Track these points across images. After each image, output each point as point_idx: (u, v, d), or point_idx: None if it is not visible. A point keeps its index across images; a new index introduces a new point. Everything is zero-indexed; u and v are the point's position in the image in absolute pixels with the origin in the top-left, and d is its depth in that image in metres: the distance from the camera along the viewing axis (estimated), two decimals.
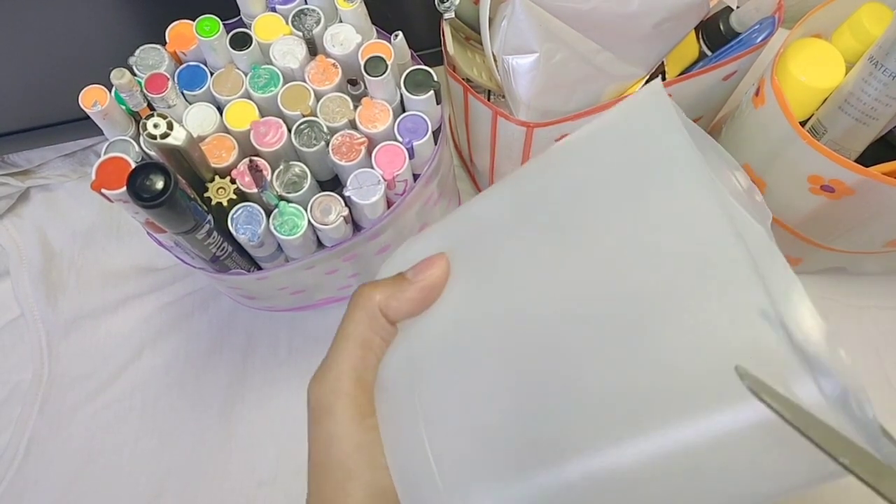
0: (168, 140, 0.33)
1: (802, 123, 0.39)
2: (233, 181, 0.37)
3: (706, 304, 0.21)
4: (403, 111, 0.39)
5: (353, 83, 0.38)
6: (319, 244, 0.41)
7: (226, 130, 0.38)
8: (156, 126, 0.33)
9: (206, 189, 0.37)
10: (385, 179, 0.38)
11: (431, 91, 0.37)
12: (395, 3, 0.46)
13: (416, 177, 0.40)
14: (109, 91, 0.36)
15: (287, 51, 0.39)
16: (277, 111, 0.39)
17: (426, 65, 0.38)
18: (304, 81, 0.38)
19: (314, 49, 0.40)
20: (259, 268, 0.43)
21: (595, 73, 0.39)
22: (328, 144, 0.37)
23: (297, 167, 0.38)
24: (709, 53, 0.43)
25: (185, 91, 0.39)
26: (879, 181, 0.34)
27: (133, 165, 0.34)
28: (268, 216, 0.38)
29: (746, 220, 0.21)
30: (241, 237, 0.37)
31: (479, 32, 0.39)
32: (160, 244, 0.41)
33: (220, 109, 0.39)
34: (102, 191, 0.34)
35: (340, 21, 0.40)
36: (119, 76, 0.36)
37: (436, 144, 0.40)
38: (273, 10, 0.40)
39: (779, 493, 0.20)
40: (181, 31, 0.40)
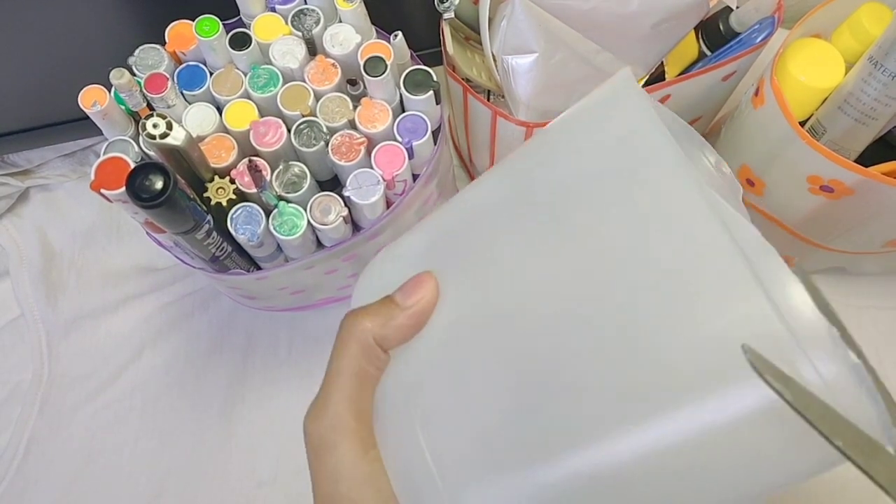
0: (167, 140, 0.33)
1: (802, 123, 0.39)
2: (232, 181, 0.37)
3: (701, 298, 0.21)
4: (403, 111, 0.39)
5: (353, 83, 0.39)
6: (319, 244, 0.41)
7: (225, 130, 0.38)
8: (155, 126, 0.33)
9: (206, 189, 0.37)
10: (384, 179, 0.38)
11: (431, 91, 0.37)
12: (395, 3, 0.46)
13: (416, 177, 0.40)
14: (109, 91, 0.36)
15: (287, 51, 0.39)
16: (277, 111, 0.39)
17: (426, 65, 0.38)
18: (304, 81, 0.38)
19: (314, 49, 0.40)
20: (259, 268, 0.43)
21: (594, 74, 0.39)
22: (328, 144, 0.37)
23: (297, 167, 0.38)
24: (708, 53, 0.43)
25: (185, 91, 0.39)
26: (879, 181, 0.34)
27: (132, 165, 0.34)
28: (267, 216, 0.38)
29: (733, 215, 0.21)
30: (241, 237, 0.37)
31: (479, 32, 0.39)
32: (160, 244, 0.41)
33: (220, 109, 0.39)
34: (102, 191, 0.34)
35: (340, 21, 0.40)
36: (118, 76, 0.36)
37: (435, 144, 0.40)
38: (273, 10, 0.40)
39: (778, 483, 0.20)
40: (181, 31, 0.40)
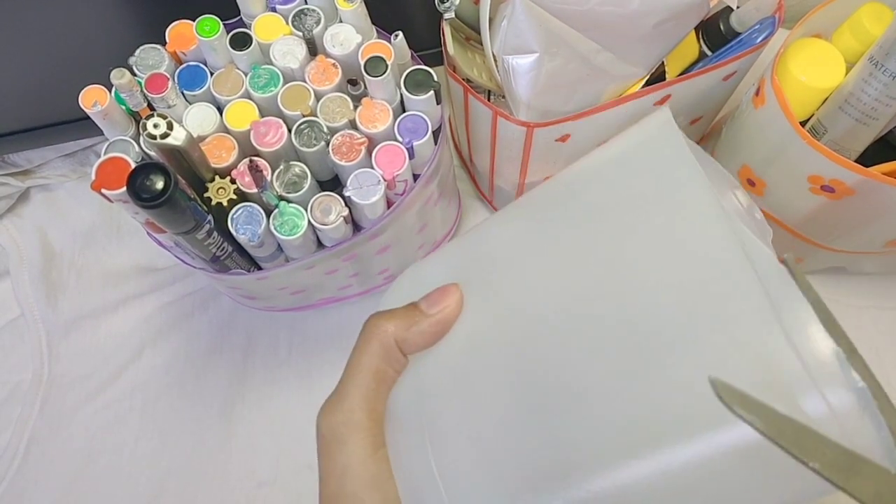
0: (168, 140, 0.33)
1: (802, 123, 0.39)
2: (233, 181, 0.37)
3: (716, 329, 0.21)
4: (403, 111, 0.39)
5: (353, 83, 0.38)
6: (319, 244, 0.41)
7: (226, 130, 0.38)
8: (156, 126, 0.33)
9: (206, 189, 0.37)
10: (385, 179, 0.38)
11: (431, 91, 0.37)
12: (396, 3, 0.46)
13: (416, 177, 0.40)
14: (109, 91, 0.36)
15: (287, 51, 0.39)
16: (277, 111, 0.39)
17: (426, 65, 0.38)
18: (304, 81, 0.38)
19: (314, 49, 0.40)
20: (259, 268, 0.43)
21: (595, 73, 0.39)
22: (328, 144, 0.37)
23: (297, 167, 0.38)
24: (709, 53, 0.43)
25: (185, 91, 0.39)
26: (880, 181, 0.34)
27: (133, 165, 0.34)
28: (268, 216, 0.38)
29: (756, 245, 0.21)
30: (241, 237, 0.37)
31: (479, 32, 0.39)
32: (160, 244, 0.41)
33: (220, 109, 0.39)
34: (102, 191, 0.34)
35: (340, 21, 0.40)
36: (119, 76, 0.36)
37: (436, 144, 0.40)
38: (273, 10, 0.40)
39: None
40: (181, 31, 0.40)
